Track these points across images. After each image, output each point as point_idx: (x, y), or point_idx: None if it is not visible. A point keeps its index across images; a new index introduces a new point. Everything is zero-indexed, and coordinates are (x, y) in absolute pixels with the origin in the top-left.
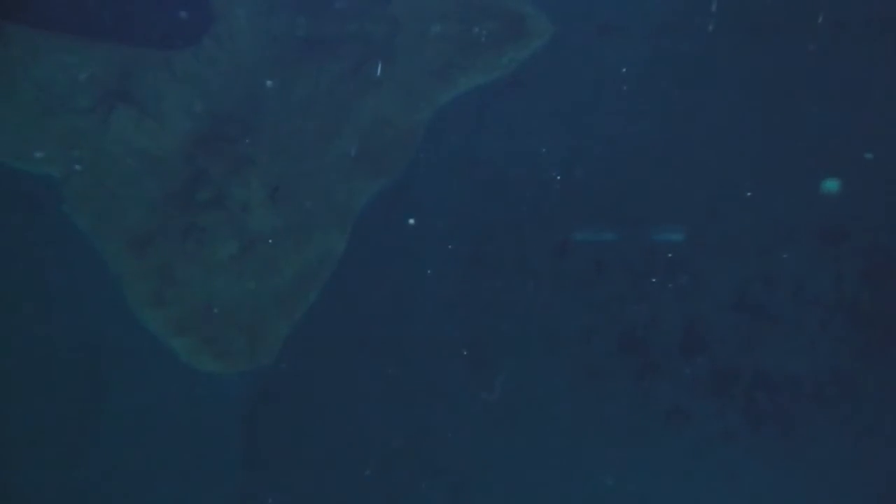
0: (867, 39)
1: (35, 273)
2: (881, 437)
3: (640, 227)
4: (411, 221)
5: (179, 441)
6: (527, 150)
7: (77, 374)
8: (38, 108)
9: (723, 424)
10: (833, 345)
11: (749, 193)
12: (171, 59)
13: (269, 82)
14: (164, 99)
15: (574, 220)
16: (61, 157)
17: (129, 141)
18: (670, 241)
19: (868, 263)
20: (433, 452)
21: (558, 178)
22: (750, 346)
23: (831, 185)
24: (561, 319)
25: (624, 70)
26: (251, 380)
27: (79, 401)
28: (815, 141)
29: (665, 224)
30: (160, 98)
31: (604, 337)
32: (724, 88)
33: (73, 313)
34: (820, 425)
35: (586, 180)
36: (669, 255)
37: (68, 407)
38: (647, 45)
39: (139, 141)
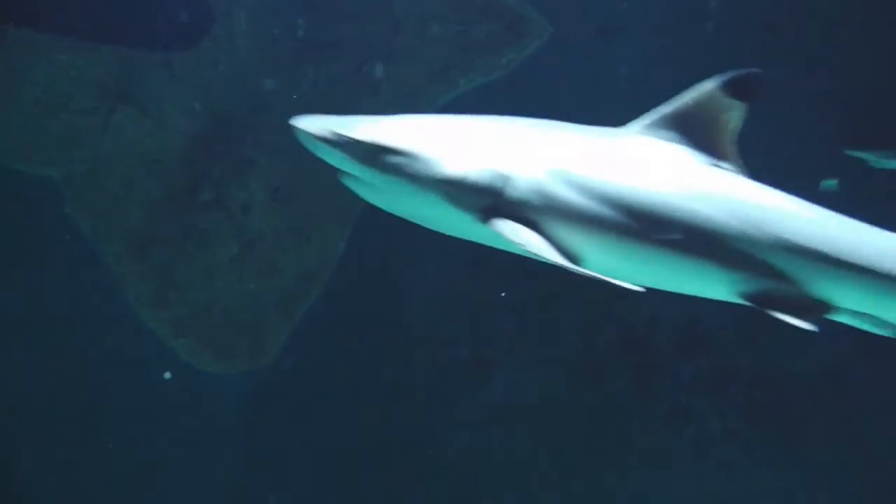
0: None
1: (36, 274)
2: (881, 437)
3: None
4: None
5: (179, 441)
6: None
7: (77, 374)
8: (38, 109)
9: (723, 424)
10: (833, 344)
11: None
12: (170, 60)
13: (268, 83)
14: (165, 100)
15: None
16: (62, 159)
17: (129, 142)
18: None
19: None
20: (433, 452)
21: None
22: (750, 346)
23: (830, 184)
24: (561, 319)
25: (624, 70)
26: (252, 380)
27: (79, 401)
28: (815, 140)
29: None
30: (160, 99)
31: (604, 337)
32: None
33: (74, 314)
34: (820, 424)
35: None
36: None
37: (69, 407)
38: (647, 46)
39: (140, 142)
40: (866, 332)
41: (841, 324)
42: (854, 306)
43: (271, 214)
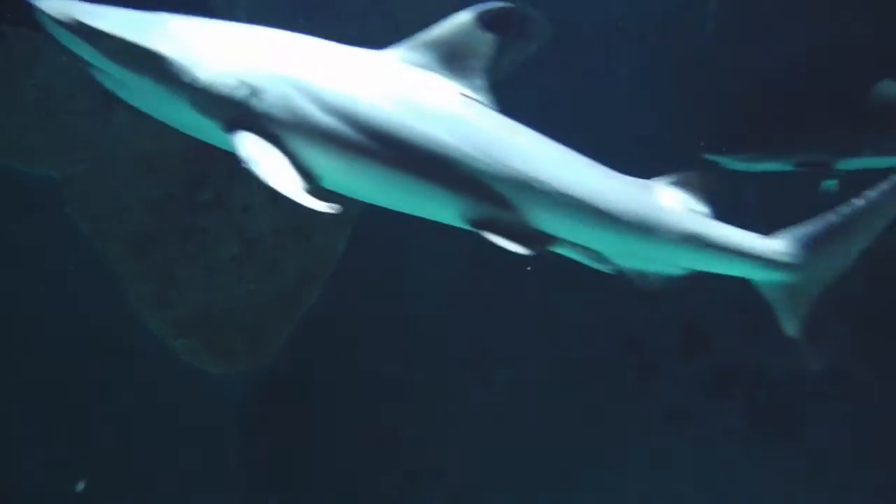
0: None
1: (36, 275)
2: (882, 437)
3: None
4: None
5: (180, 441)
6: None
7: (77, 374)
8: (38, 109)
9: (723, 423)
10: (833, 344)
11: (749, 191)
12: None
13: None
14: None
15: None
16: (62, 159)
17: (129, 142)
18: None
19: (868, 263)
20: (433, 452)
21: None
22: (750, 346)
23: (830, 184)
24: (561, 319)
25: (624, 70)
26: (252, 380)
27: (79, 401)
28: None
29: None
30: None
31: (604, 336)
32: (726, 87)
33: (74, 314)
34: (820, 424)
35: None
36: None
37: (69, 407)
38: (647, 46)
39: (140, 142)
40: (867, 333)
41: (842, 326)
42: (574, 239)
43: (271, 214)
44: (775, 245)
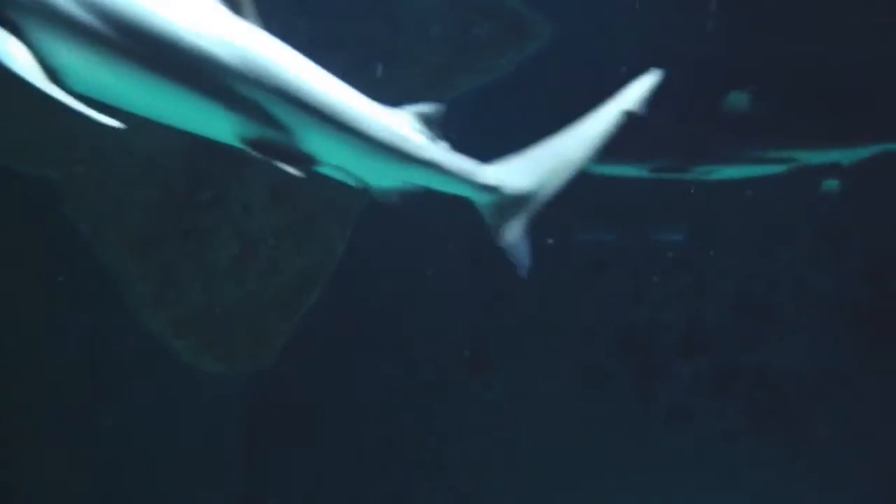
0: None
1: (35, 275)
2: (882, 438)
3: (640, 227)
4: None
5: (180, 442)
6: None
7: (78, 374)
8: (38, 110)
9: (723, 424)
10: (834, 344)
11: (749, 192)
12: None
13: None
14: None
15: (574, 220)
16: (62, 159)
17: (129, 142)
18: (670, 241)
19: (868, 263)
20: (434, 452)
21: None
22: (750, 347)
23: (831, 184)
24: (561, 319)
25: (624, 70)
26: (252, 380)
27: (80, 401)
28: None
29: (666, 224)
30: None
31: (604, 337)
32: (724, 87)
33: (73, 315)
34: (821, 425)
35: (586, 180)
36: (670, 254)
37: (69, 408)
38: (646, 45)
39: (140, 142)
40: (867, 334)
41: (841, 326)
42: (336, 161)
43: (272, 214)
44: (487, 171)
